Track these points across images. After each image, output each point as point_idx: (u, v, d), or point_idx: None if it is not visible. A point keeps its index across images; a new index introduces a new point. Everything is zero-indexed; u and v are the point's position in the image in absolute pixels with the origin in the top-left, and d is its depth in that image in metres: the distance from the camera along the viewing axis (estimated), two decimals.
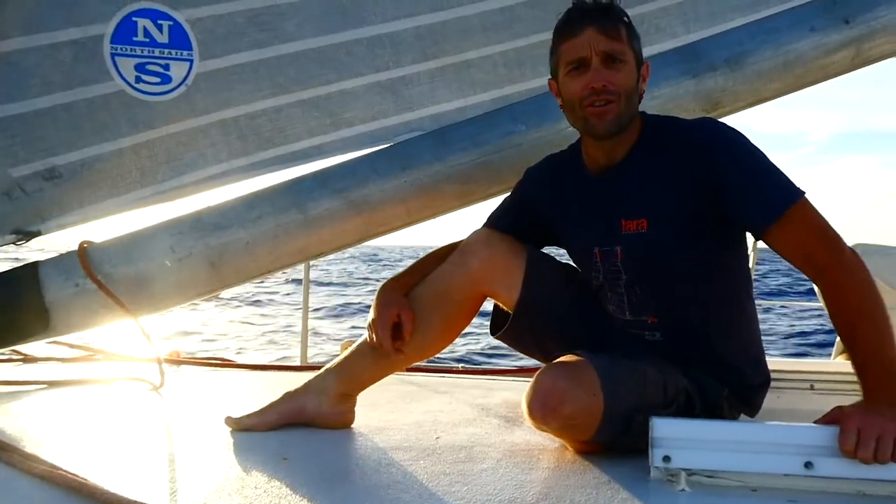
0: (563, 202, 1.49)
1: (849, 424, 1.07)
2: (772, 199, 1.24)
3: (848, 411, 1.10)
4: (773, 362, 1.93)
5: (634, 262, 1.38)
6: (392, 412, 1.65)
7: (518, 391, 1.88)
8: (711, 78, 1.79)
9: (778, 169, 1.27)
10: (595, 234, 1.42)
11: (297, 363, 2.72)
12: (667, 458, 1.11)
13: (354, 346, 1.54)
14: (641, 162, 1.37)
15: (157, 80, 1.77)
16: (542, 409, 1.23)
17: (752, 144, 1.30)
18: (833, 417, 1.11)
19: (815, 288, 2.66)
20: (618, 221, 1.37)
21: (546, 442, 1.37)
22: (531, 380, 1.26)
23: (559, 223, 1.52)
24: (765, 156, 1.29)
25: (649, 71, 1.40)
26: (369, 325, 1.47)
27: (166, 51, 1.76)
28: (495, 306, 1.56)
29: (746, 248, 1.44)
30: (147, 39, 1.74)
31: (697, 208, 1.31)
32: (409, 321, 1.44)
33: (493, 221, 1.58)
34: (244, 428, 1.44)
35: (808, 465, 1.07)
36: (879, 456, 1.04)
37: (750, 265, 1.52)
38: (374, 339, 1.44)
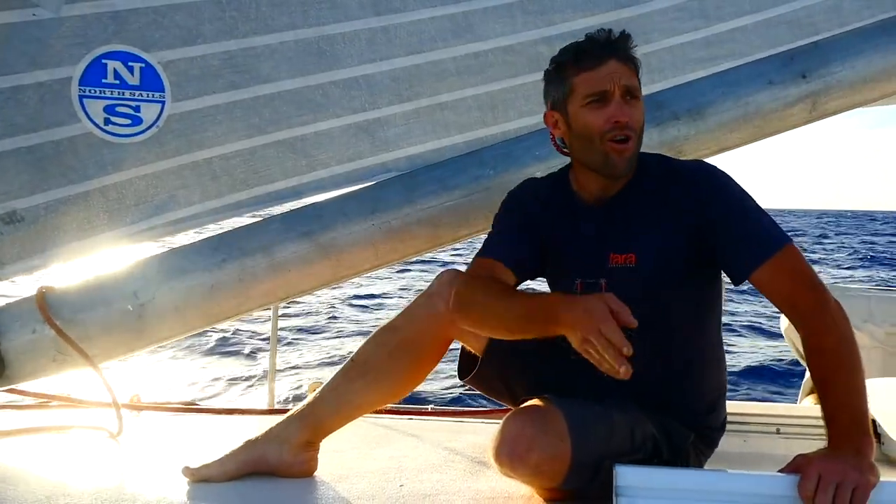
0: (548, 229, 1.47)
1: (810, 471, 1.06)
2: (761, 243, 1.27)
3: (810, 458, 1.10)
4: (740, 405, 1.94)
5: (619, 297, 1.36)
6: (356, 458, 1.61)
7: (486, 434, 1.85)
8: (674, 127, 1.84)
9: (766, 215, 1.30)
10: (581, 265, 1.41)
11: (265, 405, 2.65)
12: None
13: (319, 390, 1.52)
14: (635, 198, 1.39)
15: (128, 121, 1.76)
16: (510, 457, 1.21)
17: (742, 189, 1.33)
18: (796, 465, 1.11)
19: (784, 331, 2.67)
20: (606, 255, 1.37)
21: (512, 489, 1.35)
22: (498, 422, 1.24)
23: (548, 250, 1.49)
24: (754, 201, 1.32)
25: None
26: (588, 346, 1.13)
27: (137, 92, 1.75)
28: (462, 349, 1.55)
29: (721, 290, 1.46)
30: (117, 81, 1.74)
31: (685, 248, 1.33)
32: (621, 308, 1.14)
33: (500, 248, 1.45)
34: (202, 479, 1.39)
35: None
36: (838, 503, 1.03)
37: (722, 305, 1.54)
38: (604, 351, 1.11)
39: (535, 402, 1.30)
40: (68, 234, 1.75)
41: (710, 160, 1.91)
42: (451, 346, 1.52)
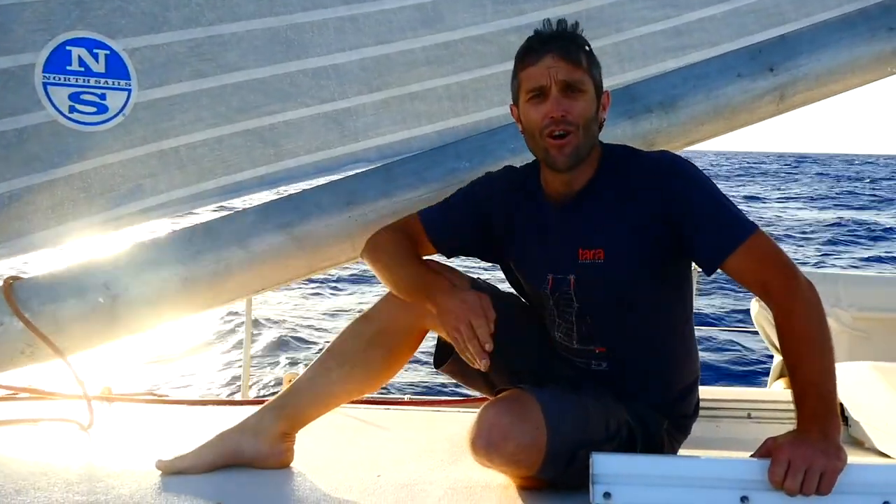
0: (518, 221, 1.49)
1: (779, 456, 1.09)
2: (729, 232, 1.29)
3: (780, 442, 1.13)
4: (712, 391, 1.99)
5: (588, 292, 1.39)
6: (333, 448, 1.62)
7: (462, 423, 1.87)
8: (647, 120, 1.85)
9: (732, 203, 1.33)
10: (550, 260, 1.43)
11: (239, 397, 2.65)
12: (607, 495, 1.12)
13: (295, 381, 1.51)
14: (601, 192, 1.39)
15: (93, 109, 1.72)
16: (486, 446, 1.23)
17: (709, 180, 1.35)
18: (766, 450, 1.14)
19: (754, 317, 2.72)
20: (575, 250, 1.39)
21: (489, 478, 1.37)
22: (475, 411, 1.25)
23: (510, 241, 1.51)
24: (719, 190, 1.34)
25: (609, 100, 1.42)
26: (456, 332, 1.28)
27: (102, 80, 1.71)
28: (439, 338, 1.55)
29: (692, 279, 1.48)
30: (82, 69, 1.69)
31: (653, 241, 1.34)
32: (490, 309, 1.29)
33: (434, 218, 1.54)
34: (177, 471, 1.38)
35: (744, 499, 1.10)
36: (805, 488, 1.07)
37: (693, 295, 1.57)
38: (468, 341, 1.26)
39: (511, 391, 1.32)
40: (34, 224, 1.71)
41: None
42: (426, 336, 1.53)
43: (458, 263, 1.58)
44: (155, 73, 1.73)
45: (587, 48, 1.37)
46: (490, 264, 1.65)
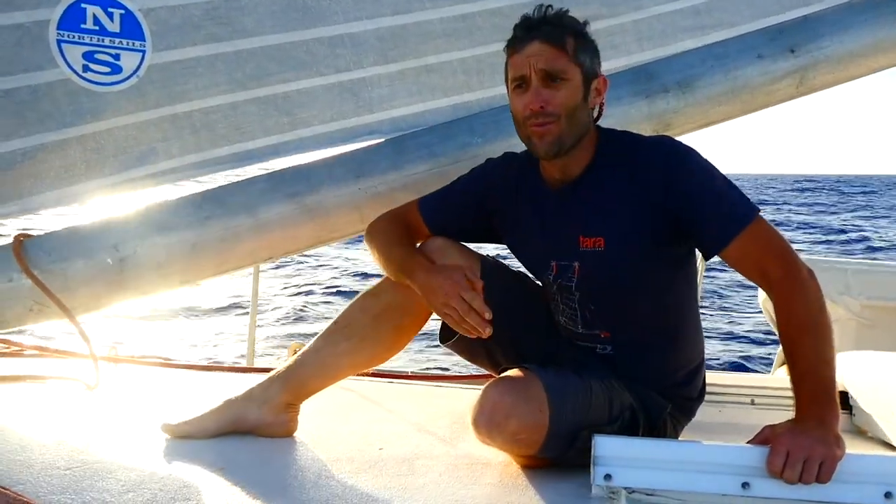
0: (519, 208, 1.48)
1: (778, 446, 1.09)
2: (729, 219, 1.27)
3: (778, 431, 1.12)
4: (716, 376, 1.98)
5: (591, 279, 1.39)
6: (336, 420, 1.63)
7: (465, 399, 1.88)
8: (664, 99, 1.83)
9: (735, 188, 1.31)
10: (553, 247, 1.42)
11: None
12: (608, 477, 1.13)
13: (301, 352, 1.52)
14: (600, 179, 1.37)
15: (107, 69, 1.70)
16: (488, 424, 1.23)
17: (710, 164, 1.32)
18: (764, 437, 1.14)
19: (761, 303, 2.71)
20: (576, 238, 1.37)
21: (490, 455, 1.37)
22: (478, 388, 1.26)
23: (512, 228, 1.51)
24: (722, 174, 1.32)
25: (606, 85, 1.39)
26: (442, 303, 1.30)
27: (117, 40, 1.70)
28: None
29: (696, 263, 1.47)
30: (97, 27, 1.68)
31: (654, 227, 1.32)
32: (476, 278, 1.31)
33: (433, 205, 1.54)
34: (181, 435, 1.40)
35: (745, 485, 1.10)
36: (804, 478, 1.07)
37: (698, 279, 1.55)
38: (461, 308, 1.28)
39: (514, 371, 1.32)
40: (46, 183, 1.71)
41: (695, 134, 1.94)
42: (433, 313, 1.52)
43: None
44: (170, 34, 1.72)
45: (576, 33, 1.33)
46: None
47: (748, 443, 1.15)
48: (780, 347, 2.56)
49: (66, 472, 1.17)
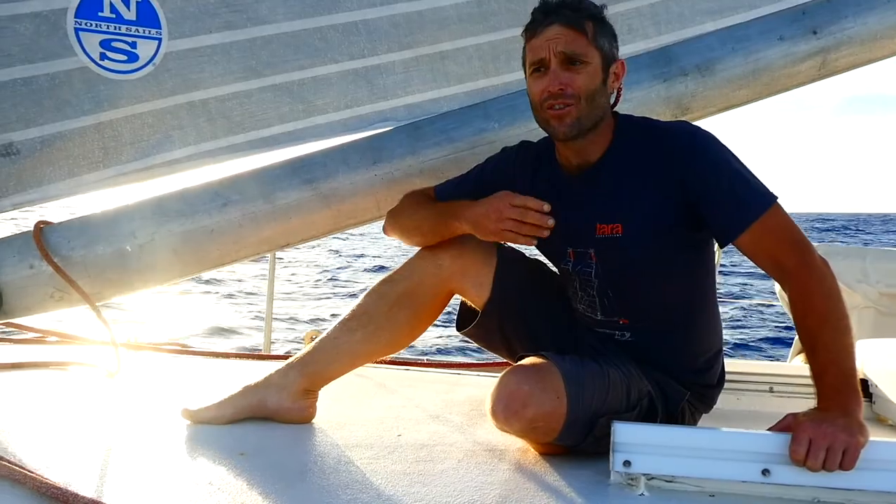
0: (537, 197, 1.46)
1: (800, 434, 1.08)
2: (745, 207, 1.25)
3: (800, 419, 1.12)
4: (733, 364, 1.97)
5: (608, 266, 1.38)
6: (354, 407, 1.64)
7: (482, 387, 1.89)
8: (682, 83, 1.81)
9: (752, 175, 1.29)
10: (570, 234, 1.41)
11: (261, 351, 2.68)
12: (627, 463, 1.12)
13: (318, 339, 1.52)
14: (617, 165, 1.36)
15: (124, 57, 1.71)
16: (506, 412, 1.23)
17: (728, 150, 1.31)
18: (786, 425, 1.13)
19: (777, 292, 2.69)
20: (593, 225, 1.36)
21: (508, 442, 1.37)
22: (495, 375, 1.25)
23: None
24: (739, 161, 1.30)
25: (624, 69, 1.38)
26: (504, 224, 1.34)
27: (133, 28, 1.70)
28: (462, 303, 1.55)
29: (713, 250, 1.46)
30: (113, 15, 1.68)
31: (672, 213, 1.31)
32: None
33: (448, 192, 1.55)
34: (201, 421, 1.41)
35: (765, 472, 1.09)
36: (828, 465, 1.06)
37: (715, 264, 1.54)
38: (524, 217, 1.33)
39: (532, 358, 1.31)
40: (64, 170, 1.73)
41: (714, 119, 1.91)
42: (450, 300, 1.53)
43: None
44: (186, 22, 1.72)
45: (595, 17, 1.32)
46: None
47: (769, 430, 1.14)
48: (797, 336, 2.55)
49: (90, 456, 1.19)
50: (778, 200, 1.26)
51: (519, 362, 1.33)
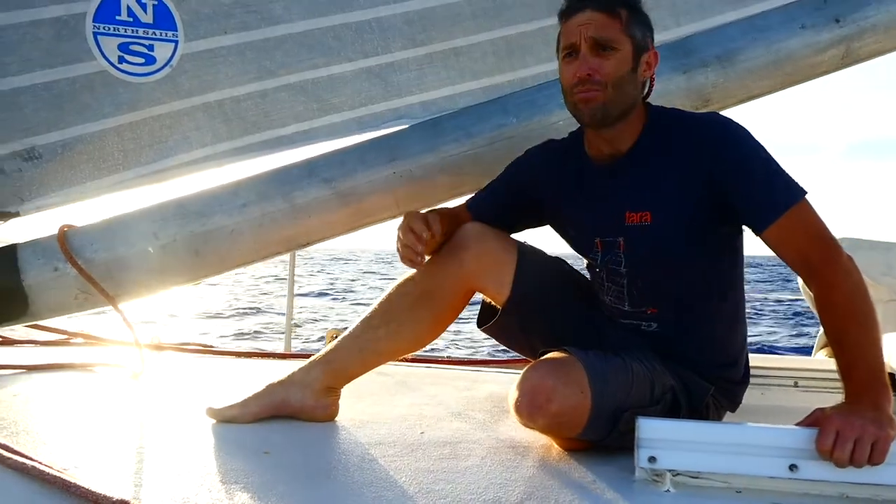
0: (564, 188, 1.47)
1: (828, 426, 1.07)
2: (773, 199, 1.24)
3: (828, 413, 1.10)
4: (758, 358, 1.95)
5: (637, 255, 1.37)
6: (376, 405, 1.64)
7: (503, 384, 1.88)
8: (702, 74, 1.79)
9: (781, 168, 1.28)
10: (598, 224, 1.41)
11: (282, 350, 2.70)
12: (652, 459, 1.11)
13: (341, 337, 1.53)
14: (647, 154, 1.36)
15: (141, 60, 1.72)
16: (529, 407, 1.22)
17: (757, 142, 1.30)
18: (814, 419, 1.11)
19: (801, 287, 2.66)
20: (622, 213, 1.36)
21: (531, 438, 1.37)
22: (516, 372, 1.25)
23: (557, 209, 1.50)
24: (769, 154, 1.29)
25: (657, 60, 1.37)
26: (403, 233, 1.37)
27: (150, 31, 1.72)
28: (483, 300, 1.55)
29: (742, 241, 1.45)
30: (131, 19, 1.70)
31: (701, 203, 1.31)
32: (436, 224, 1.38)
33: (480, 199, 1.57)
34: (225, 419, 1.42)
35: (792, 467, 1.08)
36: (856, 458, 1.04)
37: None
38: (410, 237, 1.35)
39: (555, 353, 1.31)
40: (85, 173, 1.75)
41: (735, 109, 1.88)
42: (472, 298, 1.52)
43: None
44: (201, 24, 1.73)
45: (630, 5, 1.32)
46: None
47: (797, 425, 1.12)
48: (821, 330, 2.52)
49: (117, 455, 1.20)
50: (807, 195, 1.24)
51: (541, 357, 1.33)
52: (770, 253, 1.30)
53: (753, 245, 1.42)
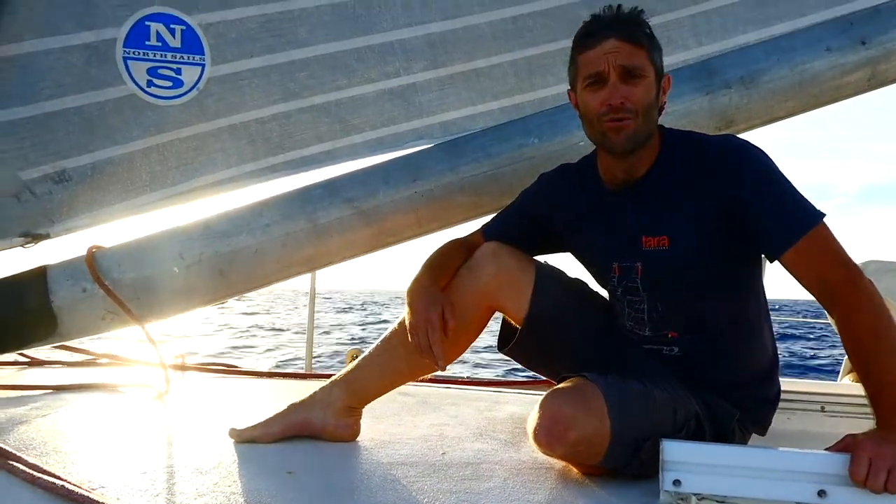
0: (579, 214, 1.46)
1: (860, 454, 1.04)
2: (791, 223, 1.23)
3: (860, 440, 1.08)
4: (784, 382, 1.92)
5: (655, 279, 1.36)
6: (398, 425, 1.64)
7: (524, 405, 1.87)
8: (726, 95, 1.78)
9: (798, 192, 1.26)
10: (615, 249, 1.40)
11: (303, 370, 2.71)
12: (677, 482, 1.09)
13: (361, 357, 1.53)
14: (663, 178, 1.35)
15: (169, 84, 1.76)
16: (548, 436, 1.21)
17: (774, 165, 1.29)
18: (845, 445, 1.09)
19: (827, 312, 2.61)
20: (639, 238, 1.35)
21: (553, 460, 1.36)
22: (537, 393, 1.24)
23: (573, 235, 1.50)
24: (786, 177, 1.27)
25: (670, 84, 1.37)
26: (411, 329, 1.36)
27: (178, 55, 1.75)
28: (503, 320, 1.55)
29: (761, 263, 1.43)
30: (159, 44, 1.74)
31: (718, 227, 1.29)
32: (452, 318, 1.35)
33: (494, 228, 1.56)
34: (248, 440, 1.42)
35: (821, 493, 1.05)
36: (890, 486, 1.02)
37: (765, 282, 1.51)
38: (420, 343, 1.33)
39: (573, 380, 1.29)
40: (113, 195, 1.79)
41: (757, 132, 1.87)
42: (491, 317, 1.52)
43: None
44: (228, 48, 1.77)
45: (648, 31, 1.32)
46: None
47: (827, 450, 1.10)
48: (846, 356, 2.46)
49: (143, 475, 1.21)
50: (825, 218, 1.23)
51: (559, 385, 1.31)
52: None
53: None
